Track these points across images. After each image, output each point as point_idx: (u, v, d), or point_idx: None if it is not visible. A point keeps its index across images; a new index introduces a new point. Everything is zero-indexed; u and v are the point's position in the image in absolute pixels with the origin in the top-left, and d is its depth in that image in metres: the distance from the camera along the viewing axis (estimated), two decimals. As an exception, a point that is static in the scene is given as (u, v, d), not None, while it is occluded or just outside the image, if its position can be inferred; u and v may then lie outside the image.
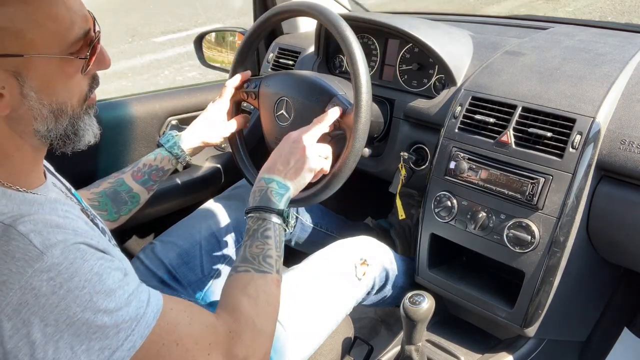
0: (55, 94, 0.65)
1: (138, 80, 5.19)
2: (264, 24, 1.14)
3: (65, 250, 0.58)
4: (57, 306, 0.56)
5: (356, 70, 0.96)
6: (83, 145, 0.72)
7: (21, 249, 0.57)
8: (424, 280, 1.20)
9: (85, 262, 0.59)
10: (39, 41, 0.61)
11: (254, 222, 0.86)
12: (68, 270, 0.58)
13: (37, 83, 0.62)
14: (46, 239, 0.58)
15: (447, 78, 1.21)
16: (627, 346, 1.36)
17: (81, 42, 0.65)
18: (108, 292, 0.60)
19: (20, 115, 0.63)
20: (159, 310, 0.65)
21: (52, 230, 0.59)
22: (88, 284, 0.58)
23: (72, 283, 0.57)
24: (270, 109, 1.15)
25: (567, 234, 0.98)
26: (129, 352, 0.61)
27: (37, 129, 0.65)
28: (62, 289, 0.57)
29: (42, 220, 0.60)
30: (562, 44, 1.19)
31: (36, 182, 0.70)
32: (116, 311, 0.60)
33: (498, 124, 1.05)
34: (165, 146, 1.12)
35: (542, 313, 1.03)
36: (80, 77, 0.67)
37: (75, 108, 0.69)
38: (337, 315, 1.09)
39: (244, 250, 0.83)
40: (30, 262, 0.56)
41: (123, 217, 1.08)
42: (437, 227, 1.14)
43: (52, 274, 0.57)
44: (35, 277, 0.56)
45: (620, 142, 0.95)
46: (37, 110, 0.64)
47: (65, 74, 0.65)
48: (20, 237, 0.57)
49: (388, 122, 1.29)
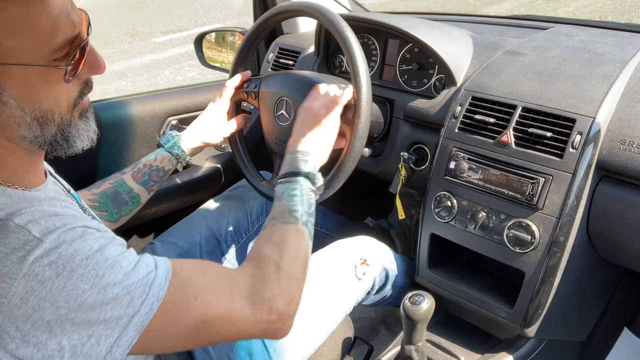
0: (38, 102, 0.62)
1: (138, 80, 5.19)
2: (264, 24, 1.14)
3: (62, 234, 0.59)
4: (64, 287, 0.57)
5: (356, 70, 0.96)
6: (76, 150, 0.70)
7: (20, 239, 0.57)
8: (424, 280, 1.20)
9: (85, 242, 0.60)
10: (18, 50, 0.58)
11: (282, 186, 0.90)
12: (67, 251, 0.58)
13: (16, 91, 0.60)
14: (44, 227, 0.58)
15: (447, 78, 1.21)
16: (627, 346, 1.36)
17: (66, 49, 0.62)
18: (112, 264, 0.60)
19: (3, 121, 0.61)
20: (169, 272, 0.66)
21: (49, 218, 0.60)
22: (91, 261, 0.59)
23: (74, 262, 0.58)
24: (270, 109, 1.15)
25: (567, 234, 0.98)
26: (147, 316, 0.61)
27: (24, 135, 0.63)
28: (66, 269, 0.57)
29: (40, 211, 0.60)
30: (562, 44, 1.19)
31: (36, 182, 0.70)
32: (125, 280, 0.60)
33: (498, 124, 1.05)
34: (166, 146, 1.12)
35: (542, 313, 1.03)
36: (66, 84, 0.64)
37: (65, 115, 0.66)
38: (337, 315, 1.09)
39: (272, 211, 0.86)
40: (30, 251, 0.56)
41: (124, 218, 1.08)
42: (437, 227, 1.14)
43: (52, 258, 0.57)
44: (36, 263, 0.56)
45: (620, 142, 0.95)
46: (19, 117, 0.61)
47: (47, 82, 0.62)
48: (18, 228, 0.57)
49: (388, 122, 1.29)
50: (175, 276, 0.66)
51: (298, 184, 0.89)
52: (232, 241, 1.25)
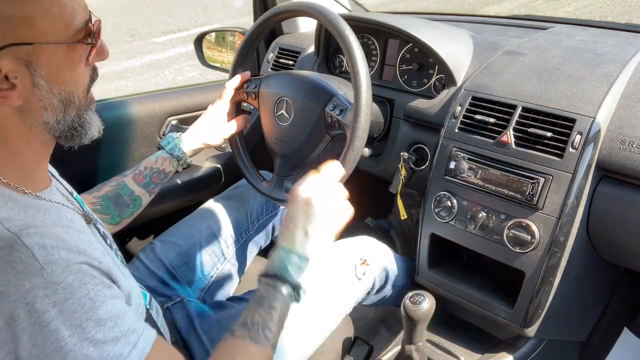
0: (64, 83, 0.66)
1: (138, 80, 5.19)
2: (264, 24, 1.14)
3: (65, 270, 0.58)
4: (46, 326, 0.55)
5: (356, 70, 0.96)
6: (88, 139, 0.73)
7: (23, 261, 0.56)
8: (424, 280, 1.20)
9: (83, 286, 0.59)
10: (48, 28, 0.62)
11: (265, 288, 0.80)
12: (65, 291, 0.57)
13: (46, 71, 0.63)
14: (49, 253, 0.58)
15: (447, 78, 1.21)
16: (627, 346, 1.36)
17: (83, 31, 0.67)
18: (98, 321, 0.59)
19: (31, 105, 0.64)
20: (143, 357, 0.63)
21: (56, 245, 0.59)
22: (80, 309, 0.58)
23: (65, 305, 0.57)
24: (270, 109, 1.15)
25: (567, 234, 0.98)
26: None
27: (46, 121, 0.66)
28: (55, 309, 0.56)
29: (48, 233, 0.60)
30: (562, 44, 1.19)
31: (42, 184, 0.70)
32: (102, 344, 0.59)
33: (498, 124, 1.05)
34: (166, 148, 1.12)
35: (542, 313, 1.03)
36: (84, 66, 0.69)
37: (82, 99, 0.70)
38: (337, 315, 1.09)
39: (246, 314, 0.78)
40: (30, 276, 0.55)
41: (125, 220, 1.08)
42: (437, 227, 1.14)
43: (48, 292, 0.56)
44: (31, 292, 0.55)
45: (620, 142, 0.95)
46: (47, 99, 0.65)
47: (72, 62, 0.66)
48: (24, 248, 0.57)
49: (388, 122, 1.29)
50: None
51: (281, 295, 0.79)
52: (232, 241, 1.25)
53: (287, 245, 0.83)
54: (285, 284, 0.80)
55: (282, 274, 0.80)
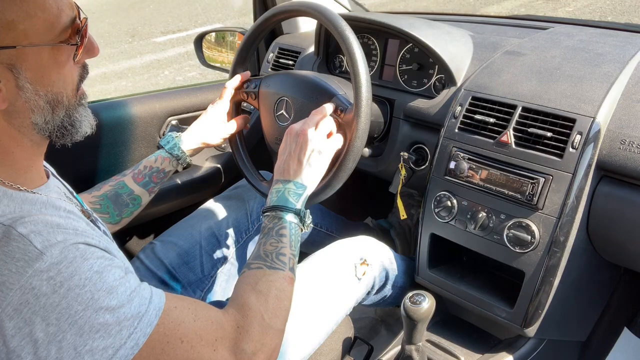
0: (50, 84, 0.65)
1: (138, 80, 5.19)
2: (264, 24, 1.14)
3: (64, 249, 0.58)
4: (58, 305, 0.56)
5: (356, 70, 0.96)
6: (80, 136, 0.73)
7: (21, 249, 0.57)
8: (424, 280, 1.20)
9: (85, 261, 0.59)
10: (31, 31, 0.61)
11: (270, 220, 0.85)
12: (68, 269, 0.57)
13: (31, 74, 0.63)
14: (46, 239, 0.58)
15: (447, 78, 1.21)
16: (627, 346, 1.36)
17: (69, 30, 0.66)
18: (109, 289, 0.60)
19: (18, 108, 0.64)
20: (161, 308, 0.65)
21: (52, 230, 0.59)
22: (89, 282, 0.58)
23: (73, 281, 0.57)
24: (270, 109, 1.15)
25: (567, 234, 0.98)
26: (132, 350, 0.60)
27: (34, 122, 0.66)
28: (63, 287, 0.57)
29: (42, 221, 0.60)
30: (562, 44, 1.19)
31: (37, 181, 0.70)
32: (118, 308, 0.60)
33: (498, 124, 1.05)
34: (166, 148, 1.12)
35: (542, 313, 1.03)
36: (71, 66, 0.68)
37: (70, 98, 0.69)
38: (337, 315, 1.09)
39: (258, 248, 0.83)
40: (30, 262, 0.56)
41: (125, 220, 1.08)
42: (437, 227, 1.14)
43: (51, 273, 0.56)
44: (35, 276, 0.56)
45: (620, 142, 0.95)
46: (33, 101, 0.64)
47: (57, 63, 0.65)
48: (20, 237, 0.57)
49: (388, 122, 1.29)
50: (166, 315, 0.65)
51: (287, 222, 0.84)
52: (232, 241, 1.25)
53: (283, 177, 0.89)
54: (289, 213, 0.84)
55: (284, 204, 0.85)
